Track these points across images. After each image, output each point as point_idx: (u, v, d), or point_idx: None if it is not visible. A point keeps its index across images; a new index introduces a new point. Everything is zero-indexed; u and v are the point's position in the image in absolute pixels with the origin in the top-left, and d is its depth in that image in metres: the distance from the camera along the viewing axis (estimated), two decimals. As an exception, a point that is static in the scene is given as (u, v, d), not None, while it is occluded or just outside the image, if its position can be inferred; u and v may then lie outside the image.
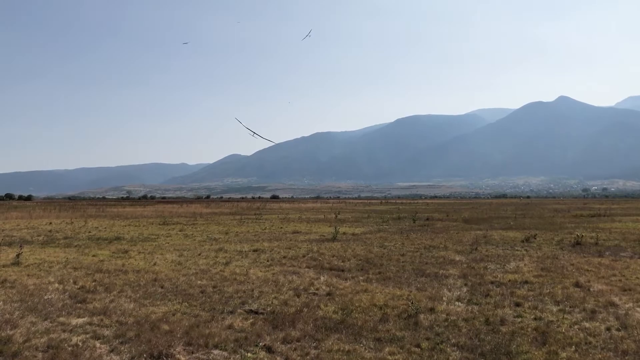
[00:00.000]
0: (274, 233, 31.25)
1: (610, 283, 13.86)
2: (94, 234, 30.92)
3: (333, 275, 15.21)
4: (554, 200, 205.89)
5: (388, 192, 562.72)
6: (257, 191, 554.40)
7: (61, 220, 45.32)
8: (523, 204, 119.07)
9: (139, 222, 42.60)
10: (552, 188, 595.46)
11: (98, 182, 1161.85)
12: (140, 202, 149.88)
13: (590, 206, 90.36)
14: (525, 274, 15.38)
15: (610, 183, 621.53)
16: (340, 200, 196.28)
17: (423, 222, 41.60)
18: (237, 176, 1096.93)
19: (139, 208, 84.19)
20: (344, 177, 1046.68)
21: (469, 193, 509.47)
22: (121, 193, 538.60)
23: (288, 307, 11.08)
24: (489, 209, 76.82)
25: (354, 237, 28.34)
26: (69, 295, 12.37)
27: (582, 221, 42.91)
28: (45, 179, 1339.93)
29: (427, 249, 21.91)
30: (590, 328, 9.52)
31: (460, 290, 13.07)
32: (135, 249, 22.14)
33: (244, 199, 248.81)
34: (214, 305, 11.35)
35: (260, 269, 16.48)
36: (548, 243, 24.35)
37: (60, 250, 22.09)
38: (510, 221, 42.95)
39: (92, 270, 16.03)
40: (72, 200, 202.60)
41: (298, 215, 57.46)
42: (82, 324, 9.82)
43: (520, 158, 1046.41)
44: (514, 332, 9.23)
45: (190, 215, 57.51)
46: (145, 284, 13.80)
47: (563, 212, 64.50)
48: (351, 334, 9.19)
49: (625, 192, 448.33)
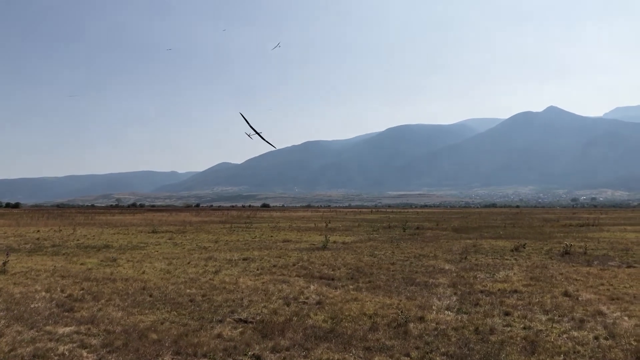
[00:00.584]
0: (264, 242, 31.16)
1: (598, 292, 13.94)
2: (83, 242, 30.68)
3: (323, 284, 15.18)
4: (543, 209, 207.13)
5: (378, 201, 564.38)
6: (247, 200, 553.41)
7: (49, 228, 44.94)
8: (512, 213, 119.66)
9: (128, 231, 42.34)
10: (541, 197, 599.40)
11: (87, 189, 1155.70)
12: (130, 210, 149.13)
13: (579, 216, 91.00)
14: (515, 283, 15.43)
15: (599, 193, 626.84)
16: (330, 209, 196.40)
17: (413, 231, 41.69)
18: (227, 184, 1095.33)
19: (128, 216, 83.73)
20: (335, 185, 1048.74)
21: (459, 202, 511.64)
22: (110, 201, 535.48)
23: (277, 316, 11.03)
24: (479, 218, 77.15)
25: (345, 245, 28.32)
26: (56, 303, 12.25)
27: (571, 231, 43.19)
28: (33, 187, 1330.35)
29: (417, 258, 21.93)
30: (579, 337, 9.56)
31: (450, 299, 13.08)
32: (124, 257, 21.98)
33: (234, 208, 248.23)
34: (203, 314, 11.29)
35: (250, 277, 16.41)
36: (537, 252, 24.46)
37: (48, 258, 21.88)
38: (500, 230, 43.13)
39: (80, 279, 15.88)
40: (60, 208, 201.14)
41: (288, 223, 57.37)
42: (69, 333, 9.72)
43: (510, 167, 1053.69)
44: (503, 341, 9.24)
45: (179, 223, 57.25)
46: (134, 292, 13.69)
47: (552, 221, 64.89)
48: (341, 343, 9.16)
49: (614, 201, 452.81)
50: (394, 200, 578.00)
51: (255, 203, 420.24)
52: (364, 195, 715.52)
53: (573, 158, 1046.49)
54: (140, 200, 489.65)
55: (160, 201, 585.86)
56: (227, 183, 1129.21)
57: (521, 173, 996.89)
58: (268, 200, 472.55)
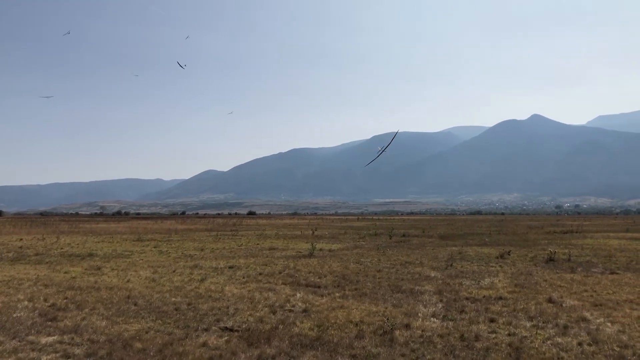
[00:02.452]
0: (250, 249, 31.06)
1: (582, 298, 14.08)
2: (66, 250, 30.35)
3: (309, 292, 15.16)
4: (527, 216, 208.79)
5: (365, 208, 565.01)
6: (233, 207, 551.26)
7: (32, 237, 44.40)
8: (498, 220, 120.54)
9: (112, 239, 41.96)
10: (526, 205, 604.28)
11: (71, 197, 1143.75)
12: (114, 218, 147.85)
13: (562, 223, 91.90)
14: (500, 289, 15.54)
15: (582, 200, 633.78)
16: (317, 217, 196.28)
17: (399, 239, 41.80)
18: (213, 192, 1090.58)
19: (112, 224, 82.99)
20: (321, 193, 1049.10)
21: (445, 209, 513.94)
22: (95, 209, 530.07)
23: (263, 324, 11.00)
24: (464, 226, 77.59)
25: (331, 253, 28.32)
26: (39, 313, 12.10)
27: (555, 238, 43.59)
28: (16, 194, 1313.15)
29: (403, 265, 22.00)
30: (563, 343, 9.65)
31: (436, 306, 13.14)
32: (108, 266, 21.78)
33: (220, 215, 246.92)
34: (189, 322, 11.22)
35: (236, 285, 16.35)
36: (522, 259, 24.65)
37: (31, 267, 21.62)
38: (485, 237, 43.40)
39: (64, 288, 15.71)
40: (44, 216, 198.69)
41: (275, 231, 57.24)
42: (52, 342, 9.61)
43: (495, 175, 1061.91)
44: (489, 348, 9.30)
45: (165, 231, 56.87)
46: (118, 301, 13.57)
47: (537, 228, 65.46)
48: (327, 350, 9.16)
49: (597, 209, 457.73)
50: (380, 207, 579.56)
51: (242, 211, 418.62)
52: (350, 203, 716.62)
53: (557, 166, 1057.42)
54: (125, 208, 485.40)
55: (145, 209, 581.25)
56: (213, 191, 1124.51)
57: (506, 180, 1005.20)
58: (254, 208, 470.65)
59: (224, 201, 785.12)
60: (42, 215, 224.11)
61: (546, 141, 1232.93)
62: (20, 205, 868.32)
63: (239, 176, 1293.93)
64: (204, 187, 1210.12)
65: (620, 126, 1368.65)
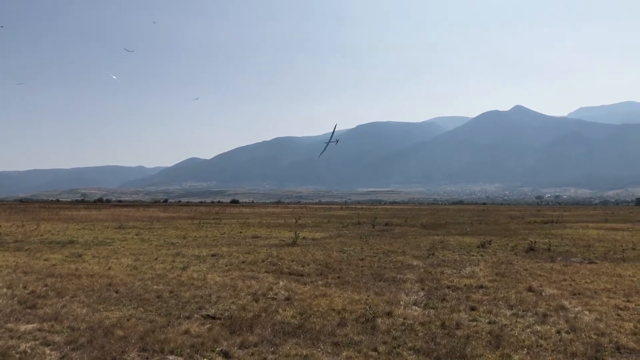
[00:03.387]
0: (233, 238, 30.99)
1: (561, 287, 14.29)
2: (47, 237, 30.00)
3: (292, 280, 15.19)
4: (508, 207, 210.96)
5: (348, 197, 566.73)
6: (216, 196, 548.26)
7: (11, 223, 43.81)
8: (479, 210, 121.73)
9: (94, 226, 41.57)
10: (507, 195, 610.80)
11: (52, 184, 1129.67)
12: (96, 206, 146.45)
13: (543, 213, 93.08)
14: (481, 278, 15.71)
15: (563, 191, 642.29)
16: (300, 205, 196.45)
17: (382, 228, 42.00)
18: (196, 180, 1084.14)
19: (94, 211, 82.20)
20: (305, 182, 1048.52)
21: (427, 199, 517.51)
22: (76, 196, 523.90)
23: (246, 312, 10.99)
24: (447, 215, 78.22)
25: (314, 241, 28.38)
26: (18, 300, 11.96)
27: (536, 228, 44.16)
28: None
29: (386, 254, 22.12)
30: (542, 331, 9.79)
31: (417, 294, 13.24)
32: (89, 253, 21.59)
33: (202, 204, 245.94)
34: (170, 310, 11.17)
35: (219, 273, 16.31)
36: (503, 249, 24.93)
37: (10, 254, 21.34)
38: (467, 227, 43.79)
39: (44, 275, 15.54)
40: (23, 203, 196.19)
41: (258, 220, 57.18)
42: (31, 330, 9.50)
43: (477, 165, 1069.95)
44: (469, 336, 9.40)
45: (147, 219, 56.49)
46: (100, 288, 13.46)
47: (517, 218, 66.23)
48: (309, 338, 9.18)
49: (577, 199, 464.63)
50: (363, 196, 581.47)
51: (225, 199, 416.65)
52: (334, 192, 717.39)
53: (538, 156, 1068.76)
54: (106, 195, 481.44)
55: (127, 196, 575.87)
56: (196, 179, 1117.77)
57: (488, 171, 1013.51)
58: (237, 196, 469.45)
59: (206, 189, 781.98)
60: (21, 202, 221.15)
61: (528, 132, 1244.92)
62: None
63: (222, 164, 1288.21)
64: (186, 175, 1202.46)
65: (600, 118, 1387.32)
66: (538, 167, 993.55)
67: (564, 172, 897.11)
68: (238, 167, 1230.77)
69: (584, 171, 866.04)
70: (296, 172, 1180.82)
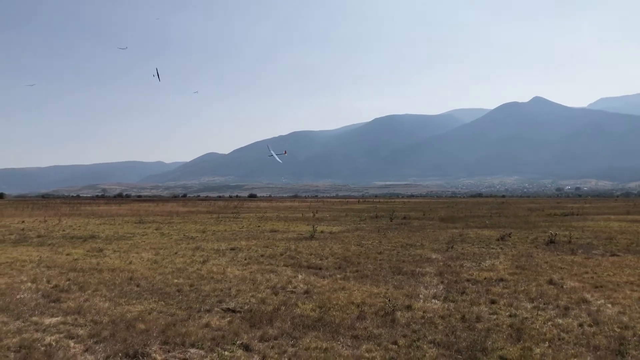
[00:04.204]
0: (251, 232, 31.14)
1: (582, 280, 14.13)
2: (68, 232, 30.43)
3: (311, 274, 15.22)
4: (528, 199, 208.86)
5: (365, 191, 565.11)
6: (234, 190, 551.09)
7: (34, 219, 44.51)
8: (498, 203, 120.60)
9: (114, 221, 42.06)
10: (526, 187, 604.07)
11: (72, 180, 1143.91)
12: (116, 201, 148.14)
13: (563, 205, 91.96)
14: (501, 271, 15.59)
15: (583, 183, 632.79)
16: (317, 199, 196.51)
17: (400, 221, 41.86)
18: (214, 175, 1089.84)
19: (114, 206, 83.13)
20: (322, 176, 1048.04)
21: (446, 192, 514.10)
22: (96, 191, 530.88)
23: (265, 306, 11.05)
24: (465, 208, 77.69)
25: (332, 235, 28.39)
26: (42, 294, 12.16)
27: (556, 220, 43.66)
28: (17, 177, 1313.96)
29: (404, 247, 22.05)
30: (564, 324, 9.69)
31: (437, 287, 13.19)
32: (110, 248, 21.86)
33: (221, 198, 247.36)
34: (191, 303, 11.27)
35: (238, 267, 16.41)
36: (523, 241, 24.71)
37: (33, 249, 21.70)
38: (486, 220, 43.48)
39: (66, 269, 15.78)
40: (45, 199, 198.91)
41: (276, 214, 57.34)
42: (55, 323, 9.66)
43: (496, 158, 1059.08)
44: (490, 329, 9.35)
45: (166, 214, 56.98)
46: (121, 282, 13.63)
47: (537, 211, 65.53)
48: (329, 331, 9.20)
49: (598, 191, 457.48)
50: (380, 190, 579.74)
51: (242, 193, 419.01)
52: (351, 186, 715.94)
53: (558, 148, 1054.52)
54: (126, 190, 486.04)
55: (146, 191, 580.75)
56: (214, 173, 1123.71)
57: (507, 163, 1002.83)
58: (255, 191, 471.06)
59: (224, 184, 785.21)
60: (43, 198, 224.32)
61: (547, 124, 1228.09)
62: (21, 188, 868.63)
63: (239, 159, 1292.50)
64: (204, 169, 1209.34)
65: (622, 108, 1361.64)
66: (558, 159, 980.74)
67: (585, 164, 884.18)
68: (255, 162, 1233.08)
69: (605, 163, 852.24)
70: (313, 166, 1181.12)
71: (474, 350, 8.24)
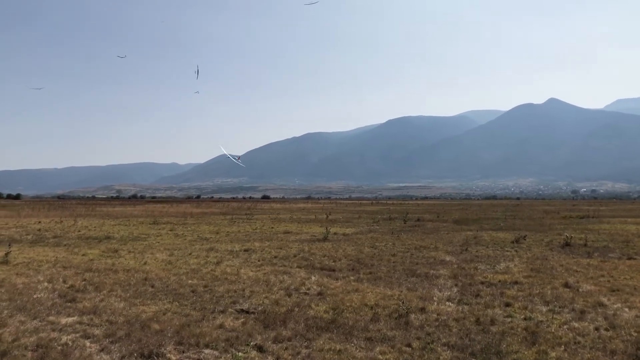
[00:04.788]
0: (265, 233, 31.21)
1: (598, 283, 13.98)
2: (84, 233, 30.73)
3: (324, 275, 15.23)
4: (543, 201, 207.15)
5: (379, 192, 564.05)
6: (247, 191, 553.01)
7: (50, 219, 45.01)
8: (513, 205, 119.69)
9: (129, 222, 42.40)
10: (541, 189, 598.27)
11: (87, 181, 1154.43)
12: (130, 202, 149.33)
13: (579, 208, 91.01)
14: (515, 274, 15.47)
15: (599, 185, 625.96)
16: (331, 201, 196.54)
17: (414, 223, 41.72)
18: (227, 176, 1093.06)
19: (129, 207, 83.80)
20: (335, 177, 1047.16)
21: (460, 194, 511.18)
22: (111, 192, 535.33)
23: (279, 307, 11.07)
24: (479, 210, 77.20)
25: (345, 237, 28.36)
26: (59, 294, 12.30)
27: (571, 222, 43.23)
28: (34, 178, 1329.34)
29: (418, 250, 21.97)
30: (579, 328, 9.60)
31: (451, 290, 13.12)
32: (125, 248, 22.04)
33: (234, 199, 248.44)
34: (205, 304, 11.33)
35: (252, 268, 16.46)
36: (538, 244, 24.50)
37: (50, 249, 21.94)
38: (500, 222, 43.17)
39: (82, 270, 15.94)
40: (61, 199, 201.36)
41: (289, 215, 57.43)
42: (71, 323, 9.77)
43: (511, 160, 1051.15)
44: (504, 332, 9.28)
45: (180, 215, 57.32)
46: (136, 283, 13.74)
47: (552, 213, 64.91)
48: (342, 333, 9.20)
49: (614, 193, 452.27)
50: (394, 192, 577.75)
51: (256, 194, 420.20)
52: (364, 187, 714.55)
53: (573, 150, 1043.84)
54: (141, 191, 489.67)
55: (161, 192, 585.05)
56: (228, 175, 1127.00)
57: (521, 165, 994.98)
58: (268, 192, 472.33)
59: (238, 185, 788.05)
60: (59, 199, 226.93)
61: (563, 125, 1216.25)
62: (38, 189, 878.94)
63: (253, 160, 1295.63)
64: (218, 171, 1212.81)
65: (639, 110, 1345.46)
66: (573, 160, 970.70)
67: (601, 166, 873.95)
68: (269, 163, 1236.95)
69: (621, 164, 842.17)
70: (326, 168, 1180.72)
71: (488, 354, 8.19)
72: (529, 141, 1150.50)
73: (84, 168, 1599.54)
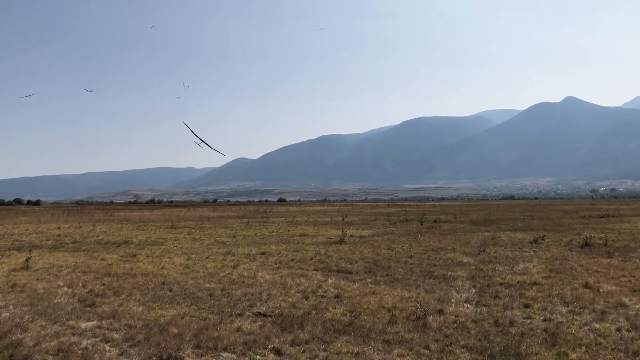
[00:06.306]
0: (281, 236, 31.25)
1: (620, 284, 13.77)
2: (102, 238, 31.03)
3: (341, 278, 15.19)
4: (562, 201, 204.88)
5: (395, 194, 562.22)
6: (263, 194, 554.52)
7: (69, 225, 45.51)
8: (531, 205, 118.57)
9: (146, 226, 42.73)
10: (560, 189, 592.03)
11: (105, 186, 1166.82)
12: (148, 206, 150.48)
13: (598, 207, 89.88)
14: (534, 275, 15.30)
15: (619, 183, 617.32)
16: (347, 203, 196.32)
17: (430, 224, 41.50)
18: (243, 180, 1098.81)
19: (146, 212, 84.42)
20: (351, 179, 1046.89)
21: (477, 195, 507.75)
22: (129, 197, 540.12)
23: (296, 310, 11.07)
24: (497, 211, 76.56)
25: (362, 239, 28.30)
26: (78, 299, 12.42)
27: (591, 222, 42.69)
28: (53, 184, 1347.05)
29: (435, 251, 21.84)
30: (601, 329, 9.46)
31: (469, 292, 13.02)
32: (143, 253, 22.20)
33: (250, 203, 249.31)
34: (223, 308, 11.37)
35: (268, 271, 16.49)
36: (557, 244, 24.22)
37: (69, 254, 22.18)
38: (519, 222, 42.78)
39: (101, 274, 16.09)
40: (80, 205, 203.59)
41: (305, 218, 57.45)
42: (91, 327, 9.86)
43: (528, 159, 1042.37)
44: (524, 334, 9.18)
45: (197, 219, 57.63)
46: (154, 287, 13.83)
47: (571, 213, 64.17)
48: (360, 336, 9.17)
49: (634, 192, 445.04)
50: (410, 193, 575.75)
51: (272, 198, 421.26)
52: (380, 189, 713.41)
53: (592, 149, 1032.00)
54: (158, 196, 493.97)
55: (178, 197, 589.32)
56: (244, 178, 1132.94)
57: (539, 164, 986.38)
58: (284, 195, 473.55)
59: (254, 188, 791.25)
60: (78, 204, 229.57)
61: (581, 124, 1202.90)
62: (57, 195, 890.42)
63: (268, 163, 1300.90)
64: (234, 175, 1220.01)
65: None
66: (592, 159, 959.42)
67: (620, 164, 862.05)
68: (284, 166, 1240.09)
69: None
70: (341, 170, 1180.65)
71: (507, 355, 8.11)
72: (546, 140, 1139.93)
73: (102, 174, 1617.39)
